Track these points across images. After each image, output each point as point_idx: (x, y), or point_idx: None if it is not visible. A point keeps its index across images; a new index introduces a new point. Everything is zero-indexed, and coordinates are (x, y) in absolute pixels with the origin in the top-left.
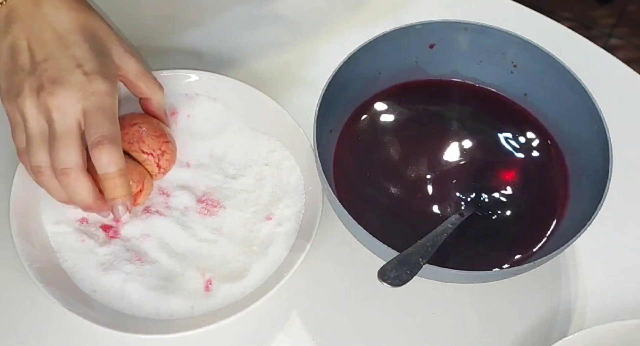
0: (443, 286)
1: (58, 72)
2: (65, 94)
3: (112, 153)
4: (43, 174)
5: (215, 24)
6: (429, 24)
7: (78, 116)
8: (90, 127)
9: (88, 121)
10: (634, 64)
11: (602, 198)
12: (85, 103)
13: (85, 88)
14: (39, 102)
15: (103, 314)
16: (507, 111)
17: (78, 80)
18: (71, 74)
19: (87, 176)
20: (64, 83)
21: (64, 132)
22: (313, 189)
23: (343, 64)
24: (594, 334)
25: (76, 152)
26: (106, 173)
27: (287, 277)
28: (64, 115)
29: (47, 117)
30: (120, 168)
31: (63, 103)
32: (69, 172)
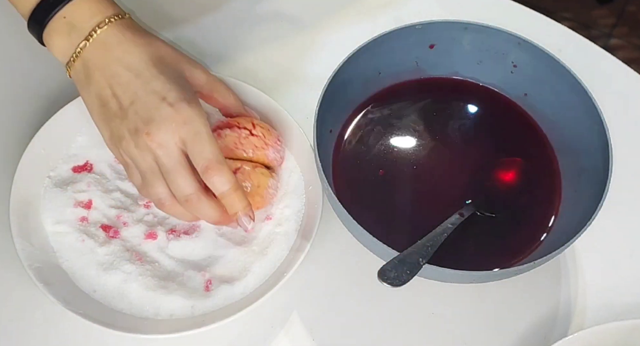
0: (443, 286)
1: (147, 111)
2: (160, 131)
3: (221, 173)
4: (165, 205)
5: (213, 23)
6: (429, 24)
7: (180, 146)
8: (194, 155)
9: (190, 149)
10: (634, 64)
11: (602, 198)
12: (181, 133)
13: (176, 119)
14: (141, 144)
15: (103, 314)
16: (507, 111)
17: (167, 114)
18: (159, 109)
19: (208, 196)
20: (155, 120)
21: (173, 165)
22: (313, 189)
23: (343, 64)
24: (594, 334)
25: (190, 180)
26: (222, 193)
27: (287, 277)
28: (167, 150)
29: (153, 155)
30: (232, 185)
31: (162, 139)
32: (191, 198)
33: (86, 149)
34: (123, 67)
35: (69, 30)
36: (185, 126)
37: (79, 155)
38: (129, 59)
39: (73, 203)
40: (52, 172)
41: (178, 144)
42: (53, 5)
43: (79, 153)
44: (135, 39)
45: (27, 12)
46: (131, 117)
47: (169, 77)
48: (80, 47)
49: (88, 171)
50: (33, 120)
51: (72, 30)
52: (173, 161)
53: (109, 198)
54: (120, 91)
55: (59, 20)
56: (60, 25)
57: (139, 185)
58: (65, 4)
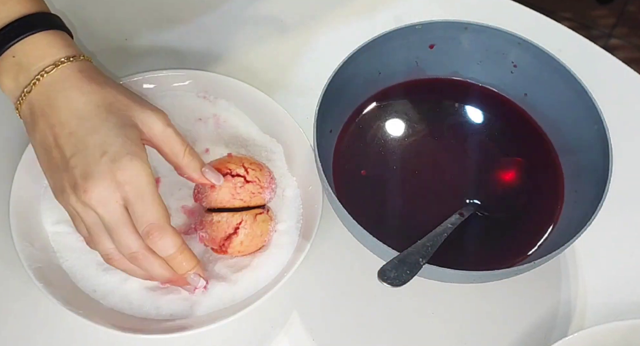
0: (443, 286)
1: (86, 166)
2: (98, 189)
3: (164, 237)
4: (114, 259)
5: (213, 23)
6: (429, 24)
7: (120, 203)
8: (136, 218)
9: (131, 210)
10: (634, 64)
11: (602, 198)
12: (122, 192)
13: (116, 177)
14: (80, 200)
15: (103, 314)
16: (507, 111)
17: (106, 170)
18: (97, 165)
19: (154, 254)
20: (93, 177)
21: (115, 223)
22: (313, 189)
23: (343, 64)
24: (594, 334)
25: (134, 237)
26: (168, 256)
27: (287, 277)
28: (107, 208)
29: (94, 211)
30: (178, 247)
31: (101, 197)
32: (137, 255)
33: None
34: (66, 116)
35: (17, 71)
36: (125, 186)
37: None
38: (74, 107)
39: None
40: None
41: (119, 202)
42: (4, 41)
43: None
44: (82, 86)
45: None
46: (71, 171)
47: (114, 127)
48: (25, 91)
49: None
50: None
51: (20, 71)
52: (114, 219)
53: None
54: (62, 141)
55: (7, 59)
56: (9, 65)
57: (86, 237)
58: (17, 41)
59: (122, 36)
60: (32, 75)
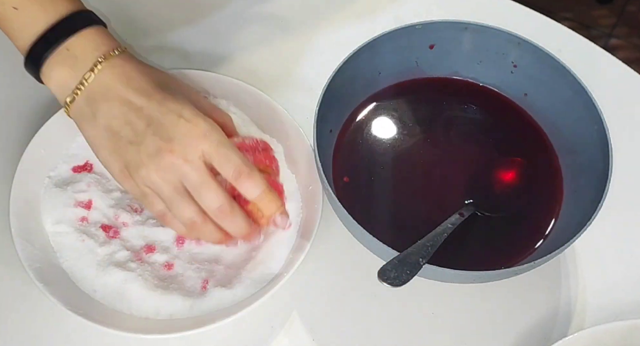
0: (443, 286)
1: (166, 130)
2: (183, 146)
3: (252, 178)
4: (197, 223)
5: (213, 23)
6: (429, 24)
7: (203, 159)
8: (222, 165)
9: (215, 159)
10: (634, 64)
11: (602, 198)
12: (204, 146)
13: (196, 133)
14: (163, 164)
15: (103, 314)
16: (507, 111)
17: (187, 129)
18: (177, 126)
19: (239, 206)
20: (177, 137)
21: (201, 178)
22: (313, 189)
23: (343, 64)
24: (594, 334)
25: (221, 190)
26: (257, 196)
27: (287, 277)
28: (193, 164)
29: (179, 173)
30: (265, 188)
31: (187, 154)
32: (225, 209)
33: (86, 149)
34: (132, 95)
35: (73, 62)
36: (206, 139)
37: (79, 155)
38: (136, 86)
39: (73, 203)
40: (52, 172)
41: (202, 158)
42: (56, 38)
43: (79, 153)
44: (139, 67)
45: (26, 44)
46: (150, 140)
47: (179, 98)
48: (85, 78)
49: (88, 171)
50: (33, 120)
51: (76, 62)
52: (200, 175)
53: (109, 198)
54: (134, 117)
55: (61, 53)
56: (63, 58)
57: (161, 213)
58: (68, 38)
59: (124, 37)
60: (90, 64)
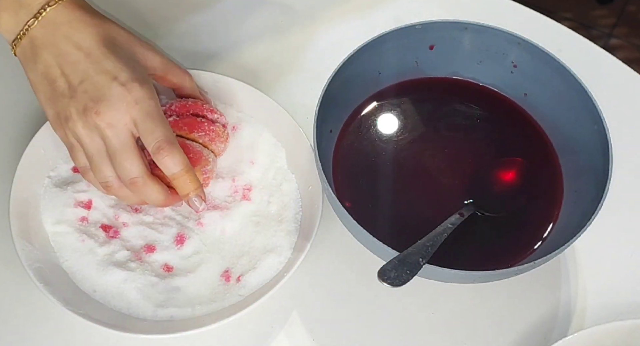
0: (443, 286)
1: (97, 90)
2: (110, 110)
3: (173, 154)
4: (112, 187)
5: (212, 22)
6: (429, 24)
7: (129, 127)
8: (146, 135)
9: (141, 129)
10: (634, 64)
11: (602, 198)
12: (132, 113)
13: (127, 98)
14: (89, 123)
15: (103, 314)
16: (507, 111)
17: (118, 93)
18: (110, 88)
19: (154, 179)
20: (106, 99)
21: (121, 146)
22: (313, 189)
23: (343, 64)
24: (594, 334)
25: (138, 162)
26: (173, 174)
27: (287, 277)
28: (116, 130)
29: (101, 135)
30: (184, 166)
31: (111, 119)
32: (137, 181)
33: None
34: (72, 46)
35: (17, 7)
36: (136, 106)
37: None
38: (78, 38)
39: (73, 203)
40: (52, 172)
41: (128, 125)
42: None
43: None
44: (85, 19)
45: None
46: (80, 96)
47: (121, 57)
48: (28, 25)
49: None
50: (33, 120)
51: (20, 7)
52: (121, 142)
53: (109, 198)
54: (69, 70)
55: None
56: (8, 3)
57: (84, 168)
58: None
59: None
60: (34, 10)
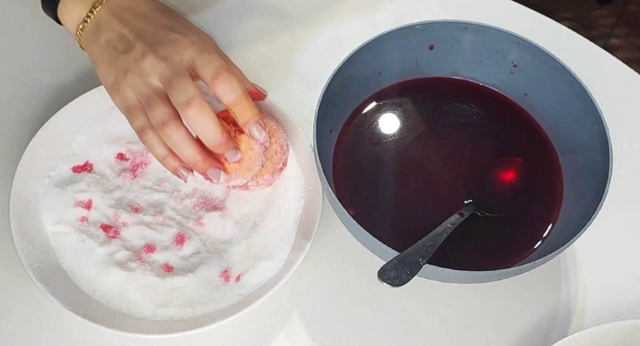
0: (443, 286)
1: (154, 37)
2: (167, 48)
3: (230, 80)
4: (169, 125)
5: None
6: (429, 24)
7: (185, 64)
8: (203, 66)
9: (198, 62)
10: (634, 64)
11: (602, 198)
12: (189, 52)
13: (183, 41)
14: (146, 66)
15: (103, 314)
16: (507, 111)
17: (175, 38)
18: (166, 35)
19: (209, 104)
20: (163, 42)
21: (177, 72)
22: (313, 189)
23: (343, 64)
24: (594, 334)
25: (193, 84)
26: (231, 101)
27: (287, 277)
28: (173, 63)
29: (158, 72)
30: (242, 92)
31: (168, 55)
32: (193, 102)
33: (86, 149)
34: (133, 14)
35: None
36: (192, 46)
37: (79, 155)
38: (138, 8)
39: (73, 203)
40: (52, 172)
41: (184, 62)
42: None
43: (79, 153)
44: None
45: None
46: (138, 46)
47: (177, 18)
48: (94, 7)
49: (88, 171)
50: (33, 120)
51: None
52: (176, 69)
53: (109, 198)
54: (128, 30)
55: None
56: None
57: (142, 127)
58: None
59: None
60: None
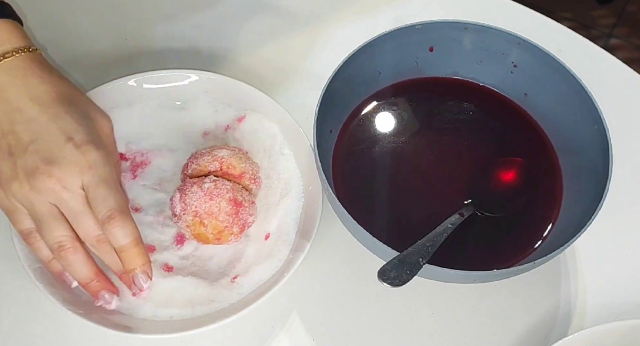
0: (443, 286)
1: (50, 151)
2: (65, 173)
3: (124, 224)
4: (65, 248)
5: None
6: (429, 24)
7: (80, 191)
8: (97, 203)
9: (92, 196)
10: (634, 64)
11: (602, 198)
12: (85, 179)
13: (81, 162)
14: (39, 186)
15: (103, 314)
16: (507, 111)
17: (72, 156)
18: (63, 150)
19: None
20: (59, 161)
21: (82, 208)
22: (313, 189)
23: (343, 64)
24: (594, 334)
25: (96, 224)
26: (122, 245)
27: (287, 277)
28: (73, 193)
29: (56, 198)
30: (135, 238)
31: (67, 182)
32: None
33: None
34: (27, 102)
35: None
36: (90, 171)
37: None
38: (34, 94)
39: None
40: None
41: (80, 190)
42: None
43: None
44: (42, 74)
45: None
46: (29, 157)
47: (76, 118)
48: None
49: None
50: None
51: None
52: (80, 204)
53: None
54: (21, 127)
55: None
56: None
57: (27, 232)
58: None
59: (123, 36)
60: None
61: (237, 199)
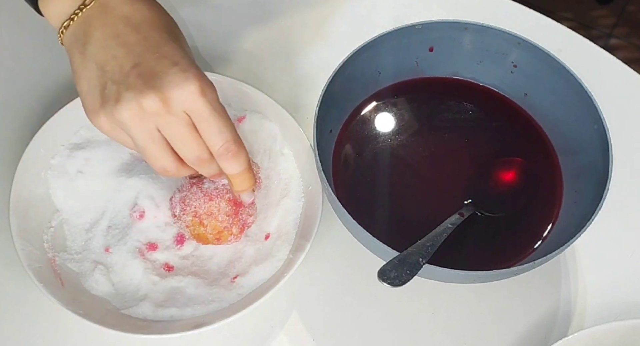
0: (443, 286)
1: (154, 75)
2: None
3: (240, 154)
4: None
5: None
6: (429, 24)
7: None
8: (210, 135)
9: (205, 126)
10: (634, 64)
11: (602, 198)
12: (196, 105)
13: (191, 87)
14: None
15: (103, 314)
16: (507, 111)
17: (180, 80)
18: (168, 74)
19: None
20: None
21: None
22: (313, 189)
23: (343, 64)
24: (594, 334)
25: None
26: (235, 173)
27: (287, 277)
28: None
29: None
30: (246, 166)
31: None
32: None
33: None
34: (130, 27)
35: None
36: (202, 97)
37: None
38: (137, 19)
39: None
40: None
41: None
42: None
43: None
44: (147, 3)
45: None
46: (132, 81)
47: (180, 45)
48: (84, 4)
49: None
50: (33, 120)
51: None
52: (185, 128)
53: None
54: (123, 52)
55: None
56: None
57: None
58: None
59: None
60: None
61: (237, 199)
